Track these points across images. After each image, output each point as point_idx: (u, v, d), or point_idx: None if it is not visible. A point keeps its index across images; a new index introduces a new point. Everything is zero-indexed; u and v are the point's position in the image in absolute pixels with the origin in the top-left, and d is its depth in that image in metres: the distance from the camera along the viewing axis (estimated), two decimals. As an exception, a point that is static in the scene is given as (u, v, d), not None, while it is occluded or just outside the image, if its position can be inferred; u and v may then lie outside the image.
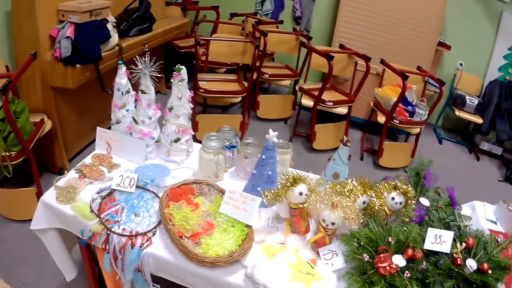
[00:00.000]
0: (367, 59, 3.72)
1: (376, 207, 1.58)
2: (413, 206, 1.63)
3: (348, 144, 1.68)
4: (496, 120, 4.73)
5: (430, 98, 4.56)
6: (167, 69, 4.65)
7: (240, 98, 3.68)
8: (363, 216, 1.53)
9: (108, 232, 1.47)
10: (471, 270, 1.46)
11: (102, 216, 1.50)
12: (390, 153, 3.95)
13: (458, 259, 1.48)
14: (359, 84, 3.80)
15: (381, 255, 1.40)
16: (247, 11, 4.98)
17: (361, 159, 4.16)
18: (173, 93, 1.78)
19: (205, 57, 3.65)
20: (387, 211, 1.61)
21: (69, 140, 3.07)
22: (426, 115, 3.83)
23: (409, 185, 1.67)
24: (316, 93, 3.72)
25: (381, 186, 1.63)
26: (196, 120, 3.61)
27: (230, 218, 1.51)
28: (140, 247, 1.44)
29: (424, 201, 1.72)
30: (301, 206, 1.48)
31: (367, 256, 1.40)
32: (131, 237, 1.46)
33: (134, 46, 3.23)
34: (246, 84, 3.70)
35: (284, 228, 1.56)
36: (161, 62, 1.78)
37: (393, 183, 1.64)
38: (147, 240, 1.46)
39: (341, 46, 4.10)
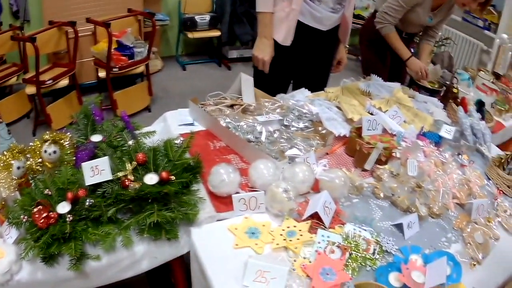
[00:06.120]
0: (71, 24, 3.97)
1: (34, 167, 1.66)
2: (68, 149, 1.68)
3: (0, 119, 1.90)
4: (235, 27, 5.27)
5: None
6: None
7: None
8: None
9: None
10: (136, 187, 1.47)
11: None
12: (125, 101, 4.21)
13: (126, 181, 1.48)
14: (74, 50, 4.07)
15: (35, 210, 1.41)
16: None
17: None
18: None
19: None
20: (49, 166, 1.66)
21: None
22: (147, 51, 4.22)
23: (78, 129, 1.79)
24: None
25: (33, 145, 1.65)
26: None
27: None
28: None
29: (95, 138, 1.76)
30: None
31: (26, 217, 1.41)
32: None
33: None
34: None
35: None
36: None
37: (45, 136, 1.65)
38: None
39: (50, 22, 4.16)
